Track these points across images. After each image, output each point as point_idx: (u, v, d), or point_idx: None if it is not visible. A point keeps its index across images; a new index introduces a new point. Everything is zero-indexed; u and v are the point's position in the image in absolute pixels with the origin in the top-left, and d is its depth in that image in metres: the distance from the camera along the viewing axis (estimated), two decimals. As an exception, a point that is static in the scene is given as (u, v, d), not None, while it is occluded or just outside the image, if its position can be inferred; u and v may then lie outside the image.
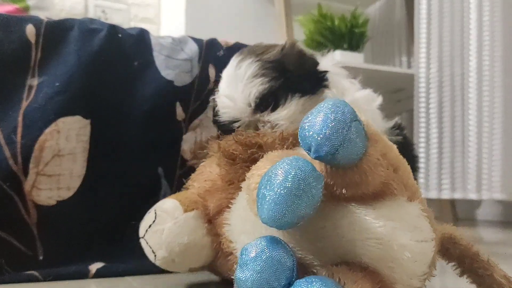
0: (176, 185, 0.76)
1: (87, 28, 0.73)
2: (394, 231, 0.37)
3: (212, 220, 0.55)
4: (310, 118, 0.34)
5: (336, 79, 0.64)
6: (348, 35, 1.54)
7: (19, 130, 0.65)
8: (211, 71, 0.80)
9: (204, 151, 0.60)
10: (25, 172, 0.65)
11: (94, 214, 0.70)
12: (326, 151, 0.33)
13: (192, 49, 0.81)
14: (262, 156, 0.49)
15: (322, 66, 0.62)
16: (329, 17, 1.54)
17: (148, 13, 1.93)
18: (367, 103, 0.65)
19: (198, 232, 0.54)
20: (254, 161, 0.49)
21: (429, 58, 1.42)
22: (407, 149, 0.43)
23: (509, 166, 1.24)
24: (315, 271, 0.37)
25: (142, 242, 0.55)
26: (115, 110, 0.73)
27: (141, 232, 0.55)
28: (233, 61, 0.61)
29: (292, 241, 0.38)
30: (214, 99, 0.64)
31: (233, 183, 0.52)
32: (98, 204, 0.70)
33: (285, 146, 0.51)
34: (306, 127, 0.34)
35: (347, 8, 1.62)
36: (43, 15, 0.73)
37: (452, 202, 1.64)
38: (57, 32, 0.71)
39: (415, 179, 0.46)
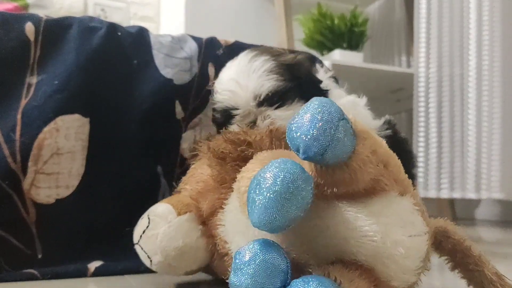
0: (176, 184, 0.76)
1: (86, 26, 0.73)
2: (386, 227, 0.37)
3: (206, 222, 0.55)
4: (297, 119, 0.34)
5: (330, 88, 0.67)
6: (347, 34, 1.54)
7: (18, 128, 0.65)
8: (211, 70, 0.80)
9: (194, 152, 0.60)
10: (24, 171, 0.64)
11: (93, 212, 0.70)
12: (315, 151, 0.32)
13: (191, 47, 0.81)
14: (252, 154, 0.49)
15: (320, 78, 0.65)
16: (328, 16, 1.54)
17: (148, 12, 1.93)
18: (353, 107, 0.67)
19: (192, 235, 0.53)
20: (245, 159, 0.49)
21: (429, 58, 1.42)
22: (398, 143, 0.44)
23: (508, 165, 1.24)
24: (310, 270, 0.37)
25: (137, 248, 0.54)
26: (114, 109, 0.73)
27: (135, 238, 0.55)
28: (246, 54, 0.62)
29: (285, 242, 0.38)
30: (214, 83, 0.64)
31: (225, 183, 0.51)
32: (97, 203, 0.70)
33: (273, 144, 0.50)
34: (294, 128, 0.34)
35: (347, 7, 1.62)
36: (42, 13, 0.72)
37: (451, 202, 1.64)
38: (56, 30, 0.71)
39: (413, 175, 0.46)
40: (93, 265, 0.66)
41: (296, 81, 0.60)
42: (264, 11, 1.73)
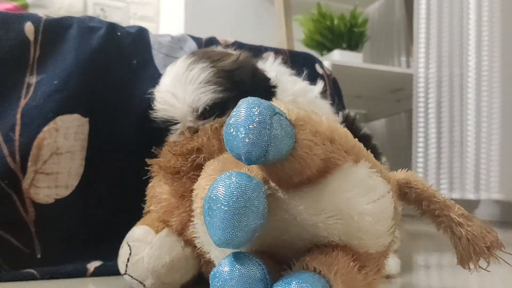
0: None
1: (86, 26, 0.73)
2: (349, 201, 0.38)
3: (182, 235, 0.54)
4: (229, 127, 0.33)
5: (279, 77, 0.64)
6: (347, 35, 1.54)
7: (18, 128, 0.65)
8: (210, 70, 0.80)
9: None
10: (23, 170, 0.64)
11: (92, 212, 0.70)
12: (257, 156, 0.32)
13: (191, 47, 0.81)
14: (204, 159, 0.49)
15: (267, 69, 0.62)
16: (328, 17, 1.54)
17: (147, 11, 1.93)
18: (303, 95, 0.65)
19: (177, 247, 0.53)
20: (198, 167, 0.49)
21: (428, 58, 1.42)
22: (361, 141, 0.44)
23: (507, 166, 1.24)
24: (291, 263, 0.37)
25: (127, 278, 0.54)
26: (114, 109, 0.73)
27: (122, 268, 0.54)
28: (184, 61, 0.59)
29: (258, 243, 0.38)
30: (153, 92, 0.63)
31: (186, 197, 0.51)
32: (96, 202, 0.70)
33: (222, 142, 0.50)
34: (230, 138, 0.33)
35: (347, 8, 1.62)
36: (42, 13, 0.72)
37: (450, 202, 1.63)
38: (55, 30, 0.71)
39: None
40: (92, 265, 0.66)
41: (238, 88, 0.57)
42: (264, 11, 1.73)
